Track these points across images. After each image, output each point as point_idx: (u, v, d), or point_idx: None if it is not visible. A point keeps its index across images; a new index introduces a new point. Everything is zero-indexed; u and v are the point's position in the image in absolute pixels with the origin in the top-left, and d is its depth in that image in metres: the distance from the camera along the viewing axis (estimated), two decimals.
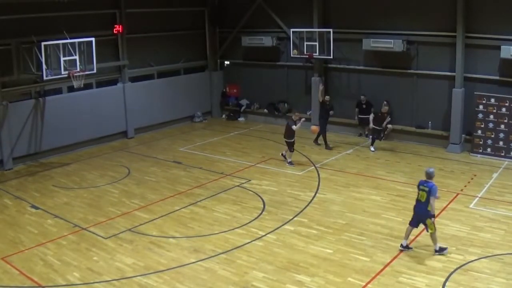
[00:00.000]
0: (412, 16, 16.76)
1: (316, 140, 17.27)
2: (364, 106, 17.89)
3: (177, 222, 11.40)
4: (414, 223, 9.56)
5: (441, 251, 9.39)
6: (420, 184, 9.36)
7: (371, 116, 16.44)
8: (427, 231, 9.38)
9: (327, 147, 16.90)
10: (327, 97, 17.27)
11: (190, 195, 13.04)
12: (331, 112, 17.07)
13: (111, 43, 18.38)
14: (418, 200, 9.41)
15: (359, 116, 18.07)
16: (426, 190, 9.15)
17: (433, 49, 16.63)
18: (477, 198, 12.24)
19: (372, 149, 16.52)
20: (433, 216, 9.22)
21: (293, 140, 15.10)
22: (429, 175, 9.30)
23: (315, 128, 15.47)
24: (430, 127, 17.14)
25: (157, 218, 11.61)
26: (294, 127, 14.90)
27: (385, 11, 17.36)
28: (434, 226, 9.29)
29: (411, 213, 11.30)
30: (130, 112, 19.08)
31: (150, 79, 20.27)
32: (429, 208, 9.17)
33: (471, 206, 11.77)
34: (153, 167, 15.57)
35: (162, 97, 20.24)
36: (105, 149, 17.78)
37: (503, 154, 15.27)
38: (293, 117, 15.38)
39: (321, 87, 17.76)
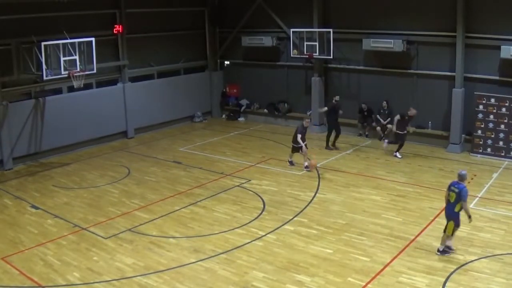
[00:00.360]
0: (412, 16, 16.76)
1: (334, 145, 16.88)
2: (365, 113, 18.07)
3: (177, 222, 11.40)
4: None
5: (443, 253, 9.36)
6: (451, 185, 9.29)
7: (396, 118, 15.51)
8: (444, 231, 9.34)
9: (328, 147, 16.87)
10: (337, 97, 16.98)
11: (190, 195, 13.04)
12: (340, 112, 16.88)
13: (111, 43, 18.38)
14: (448, 201, 9.36)
15: (362, 118, 18.21)
16: (456, 191, 9.09)
17: (433, 49, 16.63)
18: (477, 198, 12.24)
19: (399, 155, 15.63)
20: (469, 216, 9.08)
21: (300, 146, 14.64)
22: (461, 177, 9.21)
23: (314, 162, 14.61)
24: (430, 127, 17.14)
25: (157, 218, 11.61)
26: (299, 138, 14.45)
27: (385, 11, 17.37)
28: (453, 232, 9.24)
29: (411, 213, 11.42)
30: (130, 112, 19.08)
31: (150, 79, 20.26)
32: (456, 210, 9.11)
33: (471, 206, 11.70)
34: (153, 167, 15.57)
35: (162, 97, 20.24)
36: (105, 149, 17.78)
37: (503, 154, 15.27)
38: (303, 123, 14.82)
39: (323, 110, 17.53)
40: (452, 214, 9.23)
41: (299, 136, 14.58)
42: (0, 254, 9.89)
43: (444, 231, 9.37)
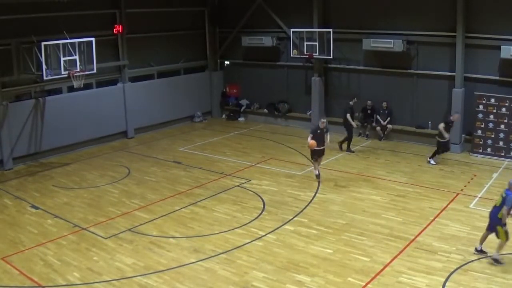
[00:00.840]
0: (412, 16, 16.76)
1: (348, 148, 16.52)
2: (369, 111, 17.99)
3: (177, 222, 11.40)
4: (490, 228, 9.26)
5: (496, 262, 9.04)
6: (504, 191, 9.12)
7: (442, 126, 14.66)
8: (497, 237, 9.08)
9: (340, 147, 16.56)
10: (355, 99, 16.66)
11: (190, 195, 13.03)
12: (356, 114, 16.64)
13: (111, 43, 18.38)
14: (494, 205, 9.28)
15: (364, 119, 18.04)
16: (503, 196, 8.97)
17: (433, 49, 16.63)
18: (477, 198, 12.23)
19: (432, 162, 14.94)
20: (504, 224, 8.92)
21: (319, 149, 13.64)
22: (511, 186, 9.04)
23: (312, 142, 13.48)
24: (430, 127, 17.11)
25: (157, 218, 11.61)
26: (309, 138, 13.47)
27: (385, 11, 17.37)
28: (507, 235, 8.97)
29: (411, 213, 11.42)
30: (130, 112, 19.07)
31: (150, 79, 20.26)
32: (499, 216, 8.96)
33: (471, 206, 11.77)
34: (153, 167, 15.57)
35: (162, 97, 20.24)
36: (105, 149, 17.78)
37: (503, 154, 15.27)
38: (319, 123, 13.81)
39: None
40: (496, 220, 9.05)
41: (310, 136, 13.59)
42: (0, 254, 9.89)
43: (498, 238, 9.07)
